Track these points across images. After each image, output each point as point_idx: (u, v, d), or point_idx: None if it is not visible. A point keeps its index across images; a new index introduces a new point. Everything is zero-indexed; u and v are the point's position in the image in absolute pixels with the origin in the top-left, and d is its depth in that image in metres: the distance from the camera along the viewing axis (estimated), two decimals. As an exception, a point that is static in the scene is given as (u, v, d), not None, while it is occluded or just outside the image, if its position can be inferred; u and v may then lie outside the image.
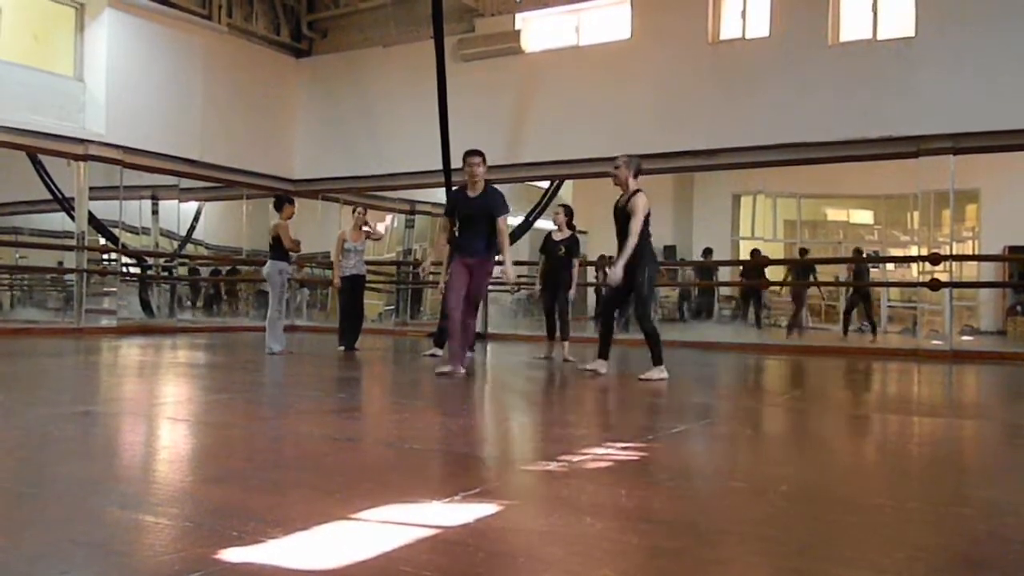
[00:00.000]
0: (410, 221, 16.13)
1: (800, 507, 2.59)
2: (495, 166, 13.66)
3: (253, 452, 3.38)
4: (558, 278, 8.58)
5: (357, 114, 14.63)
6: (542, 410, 5.29)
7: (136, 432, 3.97)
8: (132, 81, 12.70)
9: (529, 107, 13.17)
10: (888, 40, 10.97)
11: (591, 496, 2.65)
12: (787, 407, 5.49)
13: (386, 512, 2.34)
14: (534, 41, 13.53)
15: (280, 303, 8.79)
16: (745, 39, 11.85)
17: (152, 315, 13.71)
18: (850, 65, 10.96)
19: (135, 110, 12.69)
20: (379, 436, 3.99)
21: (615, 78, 12.42)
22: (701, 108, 11.77)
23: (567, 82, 12.81)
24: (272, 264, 8.82)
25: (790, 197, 15.74)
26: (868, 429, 4.70)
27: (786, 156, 11.43)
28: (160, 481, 2.84)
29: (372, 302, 14.47)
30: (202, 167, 13.79)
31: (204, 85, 13.74)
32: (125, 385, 6.12)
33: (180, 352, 9.27)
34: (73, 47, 12.45)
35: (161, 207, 14.16)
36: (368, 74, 14.60)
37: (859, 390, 7.05)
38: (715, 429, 4.44)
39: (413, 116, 13.64)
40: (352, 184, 14.89)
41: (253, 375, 6.87)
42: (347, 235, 9.39)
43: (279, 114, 15.16)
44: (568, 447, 3.54)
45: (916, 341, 10.99)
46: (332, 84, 15.06)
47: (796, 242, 16.01)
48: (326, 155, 14.96)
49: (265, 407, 4.85)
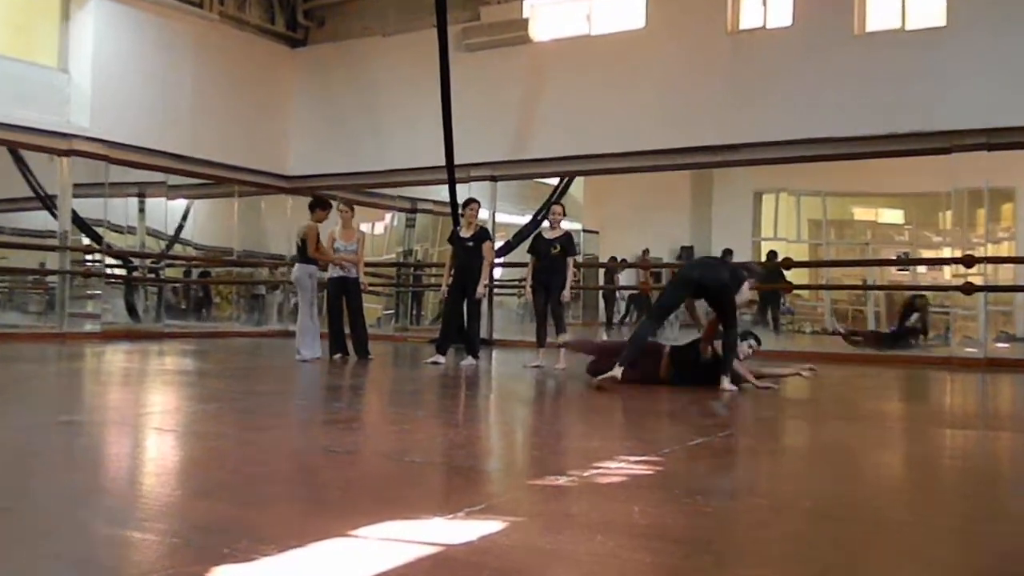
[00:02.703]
0: (411, 220, 16.13)
1: (824, 524, 2.59)
2: (500, 162, 13.78)
3: (245, 464, 3.39)
4: (551, 279, 8.52)
5: (355, 107, 14.67)
6: (551, 421, 5.29)
7: (121, 443, 3.99)
8: (119, 73, 12.75)
9: (537, 100, 13.18)
10: (917, 30, 10.95)
11: (602, 512, 2.65)
12: (810, 418, 5.48)
13: (385, 529, 2.34)
14: (543, 30, 13.54)
15: (311, 308, 8.83)
16: (766, 29, 11.83)
17: (138, 319, 13.74)
18: (877, 56, 10.94)
19: (122, 103, 12.74)
20: (378, 448, 4.00)
21: (629, 69, 12.42)
22: (720, 101, 11.76)
23: (578, 74, 12.81)
24: (301, 268, 8.83)
25: (815, 195, 15.72)
26: (896, 441, 4.69)
27: (810, 152, 11.41)
28: (147, 495, 2.85)
29: (371, 306, 14.50)
30: (191, 163, 13.83)
31: (194, 77, 13.79)
32: (110, 393, 6.14)
33: (168, 359, 9.30)
34: (57, 36, 12.51)
35: (148, 205, 14.19)
36: (367, 65, 14.63)
37: (887, 400, 7.03)
38: (734, 441, 4.43)
39: (414, 109, 13.66)
40: (350, 181, 14.92)
41: (245, 383, 6.89)
42: (336, 234, 9.33)
43: (273, 107, 15.20)
44: (578, 460, 3.54)
45: (948, 348, 10.95)
46: (329, 76, 15.10)
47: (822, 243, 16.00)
48: (322, 150, 15.00)
49: (257, 417, 4.86)
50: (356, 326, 9.37)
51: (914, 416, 6.06)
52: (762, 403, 6.21)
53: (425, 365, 8.51)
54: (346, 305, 9.36)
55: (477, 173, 13.28)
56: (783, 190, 15.58)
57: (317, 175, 15.13)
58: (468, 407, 5.88)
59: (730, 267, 7.12)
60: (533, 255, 8.74)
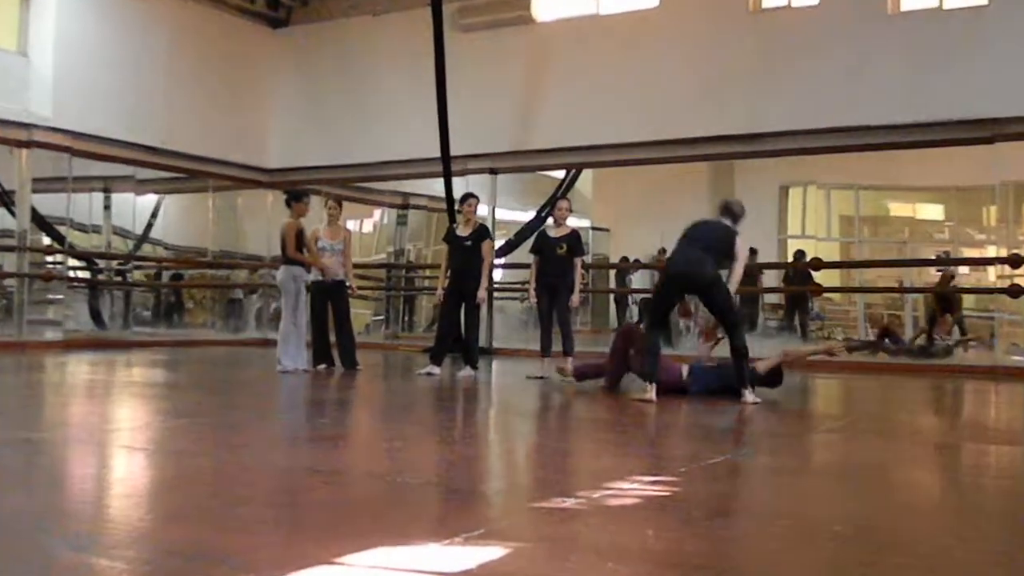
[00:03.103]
0: (402, 217, 16.17)
1: (856, 550, 2.60)
2: (500, 153, 13.81)
3: (221, 486, 3.40)
4: (557, 281, 8.49)
5: (342, 94, 14.69)
6: (556, 437, 5.30)
7: (87, 462, 4.00)
8: (84, 57, 12.78)
9: (541, 85, 13.21)
10: (957, 8, 10.96)
11: (613, 537, 2.66)
12: (841, 434, 5.48)
13: (375, 556, 2.35)
14: (546, 9, 13.57)
15: (294, 314, 8.80)
16: (792, 7, 11.86)
17: (104, 327, 13.77)
18: (914, 37, 10.95)
19: (87, 90, 12.76)
20: (367, 467, 4.01)
21: (641, 52, 12.44)
22: (741, 86, 11.78)
23: (585, 56, 12.83)
24: (286, 271, 8.82)
25: (847, 189, 15.72)
26: (935, 460, 4.69)
27: (841, 142, 11.42)
28: (115, 519, 2.86)
29: (360, 311, 14.52)
30: (163, 155, 13.86)
31: (166, 61, 13.82)
32: (74, 408, 6.16)
33: (136, 370, 9.31)
34: (16, 16, 12.54)
35: (115, 201, 14.23)
36: (355, 47, 14.66)
37: (926, 414, 7.03)
38: (758, 459, 4.44)
39: (407, 96, 13.69)
40: (336, 174, 14.94)
41: (221, 397, 6.90)
42: (321, 232, 9.32)
43: (252, 94, 15.24)
44: (586, 480, 3.55)
45: (993, 356, 10.96)
46: (314, 59, 15.13)
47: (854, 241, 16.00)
48: (306, 141, 15.03)
49: (235, 434, 4.87)
50: (343, 334, 9.36)
51: (954, 431, 6.06)
52: (786, 417, 6.21)
53: (418, 376, 8.52)
54: (332, 311, 9.36)
55: (475, 165, 13.30)
56: (811, 183, 15.56)
57: (300, 168, 15.15)
58: (465, 422, 5.89)
59: (717, 234, 6.72)
60: (536, 255, 8.73)
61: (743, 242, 6.67)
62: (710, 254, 6.59)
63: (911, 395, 8.29)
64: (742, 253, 6.64)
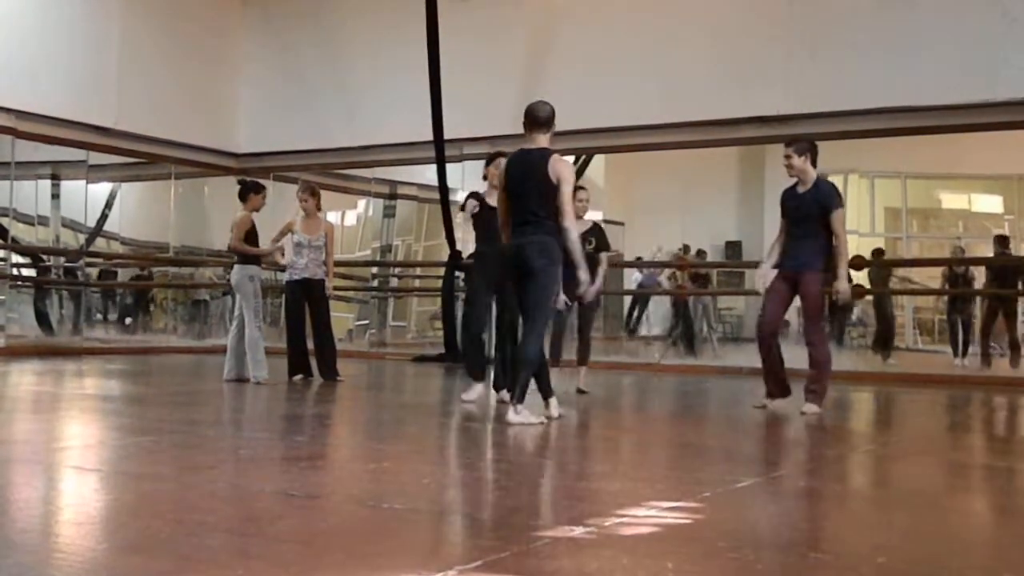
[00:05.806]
0: (389, 208, 16.17)
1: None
2: (501, 136, 13.77)
3: (185, 512, 3.41)
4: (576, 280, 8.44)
5: (320, 70, 14.69)
6: (565, 457, 5.30)
7: (32, 485, 4.01)
8: (29, 28, 12.75)
9: (546, 60, 13.20)
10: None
11: (628, 571, 2.66)
12: (882, 454, 5.49)
13: (359, 590, 2.36)
14: (554, -27, 13.58)
15: (258, 317, 8.82)
16: (832, -30, 11.87)
17: (51, 332, 13.78)
18: (969, 8, 10.95)
19: (30, 65, 12.74)
20: (349, 492, 4.01)
21: (661, 23, 12.42)
22: (775, 63, 11.76)
23: (597, 28, 12.82)
24: (240, 270, 8.81)
25: (893, 177, 15.76)
26: (986, 483, 4.70)
27: (887, 124, 11.41)
28: (66, 549, 2.87)
29: (341, 315, 14.53)
30: (118, 137, 13.85)
31: (121, 32, 13.81)
32: (16, 424, 6.16)
33: (88, 380, 9.32)
34: (-50, -18, 12.56)
35: (64, 190, 14.23)
36: (335, 16, 14.67)
37: (975, 432, 7.04)
38: (790, 483, 4.44)
39: (394, 73, 13.69)
40: (314, 160, 14.93)
41: (185, 411, 6.90)
42: (296, 225, 9.33)
43: (219, 70, 15.23)
44: (598, 507, 3.56)
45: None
46: (289, 30, 15.13)
47: (902, 236, 16.02)
48: (280, 122, 15.02)
49: (201, 454, 4.88)
50: (322, 341, 9.36)
51: (1008, 452, 6.06)
52: (824, 435, 6.22)
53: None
54: (309, 315, 9.37)
55: (472, 150, 13.27)
56: (853, 171, 15.56)
57: (273, 152, 15.14)
58: (461, 440, 5.89)
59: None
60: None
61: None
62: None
63: (965, 410, 8.28)
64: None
